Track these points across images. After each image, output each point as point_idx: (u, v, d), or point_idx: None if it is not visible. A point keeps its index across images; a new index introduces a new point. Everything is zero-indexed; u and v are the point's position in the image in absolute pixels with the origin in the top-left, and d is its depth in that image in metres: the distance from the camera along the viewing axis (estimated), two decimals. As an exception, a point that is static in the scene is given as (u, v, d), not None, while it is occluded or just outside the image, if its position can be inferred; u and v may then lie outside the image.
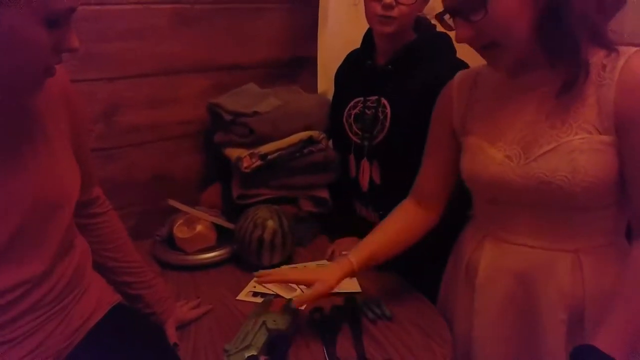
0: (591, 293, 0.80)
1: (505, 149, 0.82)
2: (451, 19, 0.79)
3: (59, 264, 0.74)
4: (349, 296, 1.06)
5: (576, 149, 0.75)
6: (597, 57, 0.76)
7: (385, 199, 1.12)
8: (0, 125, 0.64)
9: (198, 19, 1.37)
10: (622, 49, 0.75)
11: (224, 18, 1.41)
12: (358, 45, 1.35)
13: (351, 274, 0.96)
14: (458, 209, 1.02)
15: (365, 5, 1.14)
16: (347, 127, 1.27)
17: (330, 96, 1.53)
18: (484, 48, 0.78)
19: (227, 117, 1.32)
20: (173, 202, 1.30)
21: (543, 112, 0.79)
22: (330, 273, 0.94)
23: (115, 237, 0.91)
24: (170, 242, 1.28)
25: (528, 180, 0.79)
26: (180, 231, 1.25)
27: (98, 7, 1.23)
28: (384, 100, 1.18)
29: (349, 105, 1.26)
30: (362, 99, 1.23)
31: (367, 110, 1.22)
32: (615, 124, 0.73)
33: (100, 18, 1.24)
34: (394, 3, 1.08)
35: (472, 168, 0.87)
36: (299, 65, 1.57)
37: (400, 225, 1.01)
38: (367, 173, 1.23)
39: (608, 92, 0.73)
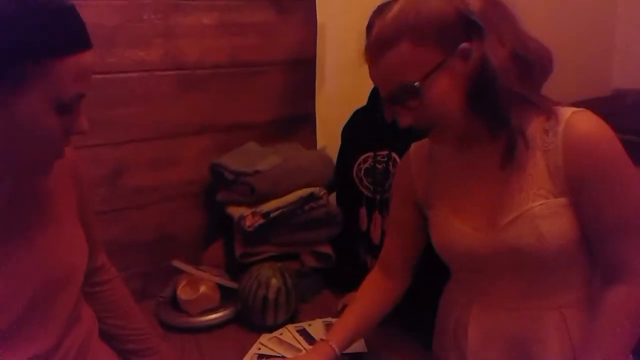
0: (578, 347, 0.81)
1: (471, 221, 0.84)
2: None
3: (66, 338, 0.74)
4: (355, 353, 1.05)
5: (538, 216, 0.77)
6: (537, 122, 0.78)
7: None
8: (9, 205, 0.66)
9: (199, 83, 1.42)
10: (560, 111, 0.77)
11: (224, 81, 1.46)
12: (355, 101, 1.40)
13: (334, 358, 0.94)
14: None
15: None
16: (357, 181, 1.29)
17: (329, 151, 1.58)
18: (426, 130, 0.82)
19: (230, 177, 1.34)
20: (177, 263, 1.31)
21: (500, 182, 0.81)
22: None
23: (120, 304, 0.91)
24: (174, 302, 1.27)
25: (498, 249, 0.81)
26: (184, 292, 1.25)
27: (103, 76, 1.28)
28: (394, 154, 1.22)
29: (359, 160, 1.30)
30: (372, 153, 1.27)
31: (377, 165, 1.25)
32: (569, 185, 0.76)
33: (106, 86, 1.28)
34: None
35: (442, 241, 0.89)
36: (297, 122, 1.62)
37: (370, 300, 1.02)
38: (379, 226, 1.25)
39: (555, 156, 0.76)
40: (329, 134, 1.62)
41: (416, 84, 0.75)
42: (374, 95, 1.30)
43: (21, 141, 0.60)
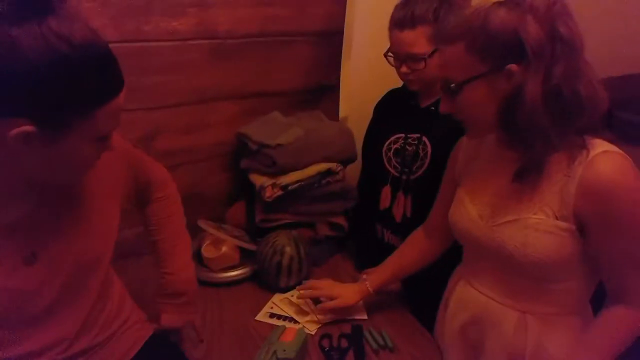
0: (533, 353, 0.89)
1: (479, 208, 0.92)
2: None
3: (96, 315, 0.83)
4: (356, 325, 1.18)
5: (531, 227, 0.82)
6: (572, 149, 0.80)
7: (413, 230, 1.22)
8: (41, 207, 0.72)
9: (230, 52, 1.47)
10: (594, 145, 0.78)
11: (254, 51, 1.50)
12: (380, 75, 1.42)
13: (367, 297, 1.19)
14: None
15: None
16: (385, 159, 1.34)
17: (350, 123, 1.63)
18: (460, 120, 0.89)
19: (253, 147, 1.43)
20: (202, 223, 1.43)
21: (516, 185, 0.86)
22: (351, 294, 1.19)
23: (159, 221, 1.04)
24: (199, 258, 1.42)
25: (490, 241, 0.89)
26: (207, 251, 1.38)
27: (139, 44, 1.35)
28: (425, 139, 1.26)
29: (390, 139, 1.33)
30: (403, 135, 1.30)
31: (408, 147, 1.29)
32: (574, 216, 0.79)
33: (141, 54, 1.35)
34: (409, 70, 1.17)
35: (452, 217, 0.99)
36: (322, 92, 1.66)
37: (409, 253, 1.17)
38: (401, 205, 1.31)
39: (571, 185, 0.78)
40: (351, 106, 1.66)
41: (452, 85, 0.81)
42: None
43: (60, 169, 0.67)
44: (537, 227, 0.82)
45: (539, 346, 0.89)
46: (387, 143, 1.34)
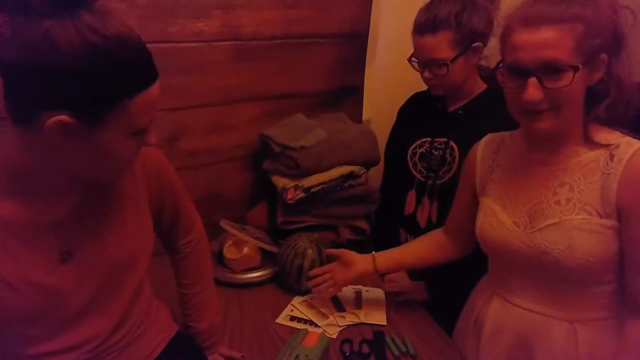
0: None
1: (514, 216, 0.90)
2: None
3: (129, 314, 0.85)
4: (377, 330, 1.17)
5: (575, 228, 0.81)
6: (607, 147, 0.81)
7: None
8: (80, 208, 0.73)
9: (254, 53, 1.47)
10: (628, 141, 0.80)
11: (277, 53, 1.51)
12: (405, 78, 1.41)
13: (373, 270, 1.17)
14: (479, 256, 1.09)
15: None
16: (410, 164, 1.32)
17: (374, 125, 1.62)
18: (541, 111, 0.80)
19: (276, 149, 1.43)
20: (225, 224, 1.44)
21: (551, 187, 0.86)
22: (357, 269, 1.17)
23: (188, 273, 1.03)
24: (220, 259, 1.42)
25: (530, 249, 0.86)
26: (229, 252, 1.39)
27: (165, 45, 1.36)
28: (452, 143, 1.24)
29: (415, 143, 1.31)
30: (429, 139, 1.28)
31: (434, 151, 1.27)
32: (617, 211, 0.79)
33: (166, 55, 1.36)
34: (431, 75, 1.15)
35: (483, 228, 0.96)
36: (345, 94, 1.65)
37: (428, 247, 1.16)
38: (426, 210, 1.29)
39: (612, 181, 0.79)
40: (374, 108, 1.66)
41: (561, 63, 0.75)
42: None
43: (99, 163, 0.67)
44: (581, 227, 0.81)
45: (591, 355, 0.86)
46: (412, 147, 1.33)
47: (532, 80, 0.77)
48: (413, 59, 1.21)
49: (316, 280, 1.21)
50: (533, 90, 0.77)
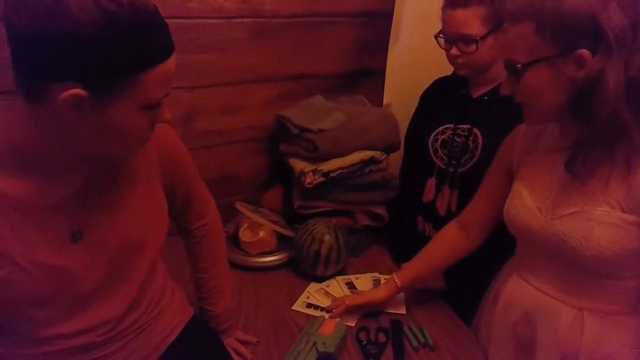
0: (587, 352, 0.85)
1: (539, 201, 0.89)
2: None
3: (143, 295, 0.83)
4: (395, 319, 1.15)
5: (595, 219, 0.79)
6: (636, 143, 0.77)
7: None
8: (89, 185, 0.71)
9: (273, 32, 1.43)
10: None
11: (297, 31, 1.46)
12: (428, 62, 1.37)
13: (397, 292, 1.15)
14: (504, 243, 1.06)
15: None
16: (431, 151, 1.29)
17: (394, 109, 1.57)
18: (520, 104, 0.85)
19: (294, 131, 1.39)
20: (240, 206, 1.41)
21: (578, 177, 0.83)
22: (378, 291, 1.16)
23: (203, 256, 1.02)
24: (235, 242, 1.40)
25: (550, 235, 0.85)
26: (245, 235, 1.36)
27: (184, 21, 1.32)
28: (476, 130, 1.20)
29: (437, 130, 1.28)
30: (452, 126, 1.25)
31: (456, 138, 1.24)
32: None
33: (185, 31, 1.32)
34: (459, 52, 1.11)
35: (508, 210, 0.95)
36: (366, 76, 1.61)
37: (440, 251, 1.13)
38: (446, 199, 1.26)
39: (639, 176, 0.76)
40: (396, 92, 1.61)
41: (519, 66, 0.78)
42: None
43: (111, 139, 0.65)
44: (601, 219, 0.79)
45: (595, 345, 0.85)
46: (434, 134, 1.29)
47: None
48: (440, 35, 1.17)
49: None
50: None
